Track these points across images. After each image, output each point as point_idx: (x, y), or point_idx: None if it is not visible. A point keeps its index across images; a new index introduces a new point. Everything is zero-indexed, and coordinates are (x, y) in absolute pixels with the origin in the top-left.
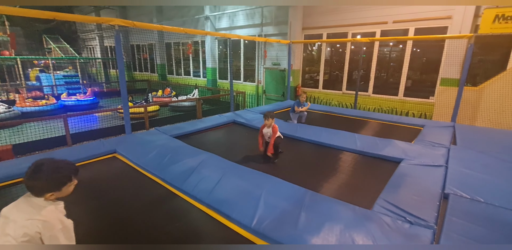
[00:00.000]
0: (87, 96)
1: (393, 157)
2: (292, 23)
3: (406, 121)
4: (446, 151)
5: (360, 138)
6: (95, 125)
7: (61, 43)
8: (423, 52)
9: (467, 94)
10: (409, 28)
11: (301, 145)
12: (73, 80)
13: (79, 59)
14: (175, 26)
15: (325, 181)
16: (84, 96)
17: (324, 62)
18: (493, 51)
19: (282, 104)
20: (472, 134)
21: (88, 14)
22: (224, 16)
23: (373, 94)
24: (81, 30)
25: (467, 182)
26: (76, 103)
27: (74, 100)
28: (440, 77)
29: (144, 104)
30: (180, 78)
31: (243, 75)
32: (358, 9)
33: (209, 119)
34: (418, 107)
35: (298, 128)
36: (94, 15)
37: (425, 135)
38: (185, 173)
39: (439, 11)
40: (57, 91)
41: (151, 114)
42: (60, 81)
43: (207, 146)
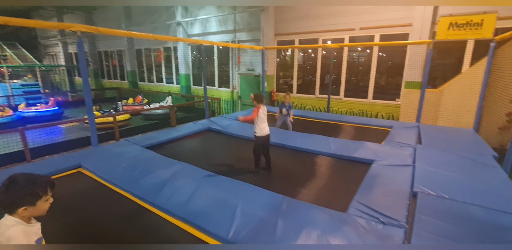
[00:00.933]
0: (49, 106)
1: (365, 158)
2: (264, 29)
3: (375, 123)
4: (412, 150)
5: (334, 141)
6: (59, 138)
7: (19, 50)
8: (389, 57)
9: (429, 96)
10: (374, 34)
11: (277, 150)
12: (33, 89)
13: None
14: (146, 32)
15: (302, 186)
16: (46, 107)
17: (297, 68)
18: (450, 56)
19: None
20: (434, 133)
21: (49, 19)
22: (197, 22)
23: (345, 98)
24: (41, 36)
25: (433, 179)
26: (37, 114)
27: (34, 112)
28: (404, 81)
29: (113, 113)
30: (152, 85)
31: (218, 81)
32: (327, 16)
33: (183, 127)
34: (386, 109)
35: (273, 133)
36: (56, 20)
37: (393, 136)
38: (157, 186)
39: (401, 19)
40: (15, 102)
41: (122, 124)
42: (18, 91)
43: (181, 155)
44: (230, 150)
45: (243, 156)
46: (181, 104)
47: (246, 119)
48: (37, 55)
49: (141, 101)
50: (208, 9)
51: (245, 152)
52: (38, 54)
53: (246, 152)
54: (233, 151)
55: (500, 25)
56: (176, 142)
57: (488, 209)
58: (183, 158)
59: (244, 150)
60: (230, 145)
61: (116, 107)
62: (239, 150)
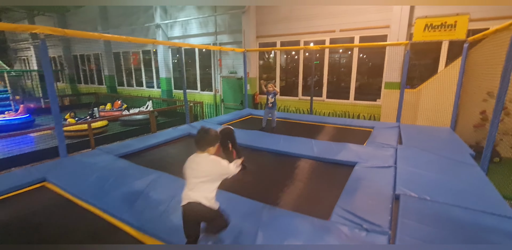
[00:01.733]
0: (18, 114)
1: (348, 161)
2: (246, 31)
3: (357, 124)
4: (394, 151)
5: (317, 144)
6: (28, 148)
7: None
8: (369, 59)
9: (407, 96)
10: (354, 36)
11: (258, 154)
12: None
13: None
14: (124, 34)
15: (284, 192)
16: (14, 115)
17: (280, 70)
18: (427, 57)
19: (240, 113)
20: (414, 132)
21: (19, 21)
22: (177, 25)
23: (327, 99)
24: (12, 40)
25: (414, 180)
26: (5, 123)
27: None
28: (384, 81)
29: (88, 120)
30: (132, 90)
31: (200, 85)
32: (308, 18)
33: (162, 133)
34: (367, 109)
35: (256, 136)
36: (27, 22)
37: (375, 137)
38: (129, 199)
39: (379, 20)
40: None
41: (98, 131)
42: None
43: (158, 164)
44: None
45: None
46: (162, 109)
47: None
48: (7, 60)
49: (120, 106)
50: (189, 11)
51: (225, 157)
52: (8, 59)
53: (227, 157)
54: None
55: (473, 26)
56: (153, 150)
57: (468, 209)
58: (160, 166)
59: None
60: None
61: (92, 114)
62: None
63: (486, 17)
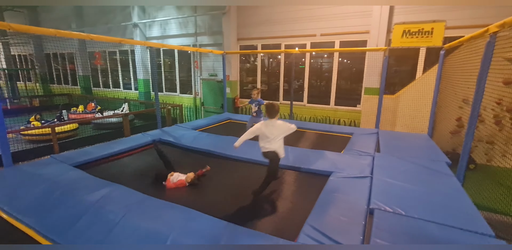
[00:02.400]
0: None
1: (324, 170)
2: (226, 33)
3: (337, 130)
4: (371, 159)
5: (293, 151)
6: None
7: None
8: (350, 64)
9: (386, 102)
10: (335, 41)
11: (227, 163)
12: None
13: None
14: (99, 33)
15: (251, 207)
16: None
17: (261, 73)
18: (406, 63)
19: (218, 117)
20: (392, 139)
21: None
22: (155, 24)
23: (308, 104)
24: None
25: (389, 192)
26: None
27: None
28: (364, 87)
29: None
30: (108, 91)
31: (180, 87)
32: (289, 21)
33: (129, 139)
34: (348, 115)
35: (228, 143)
36: None
37: (353, 143)
38: (72, 218)
39: (359, 26)
40: None
41: (66, 135)
42: None
43: (117, 175)
44: (180, 165)
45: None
46: (138, 112)
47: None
48: None
49: (94, 108)
50: (168, 10)
51: (196, 166)
52: None
53: (197, 166)
54: (182, 166)
55: (449, 34)
56: (115, 158)
57: (444, 226)
58: (119, 178)
59: (195, 164)
60: (181, 159)
61: (61, 116)
62: (190, 164)
63: (462, 25)
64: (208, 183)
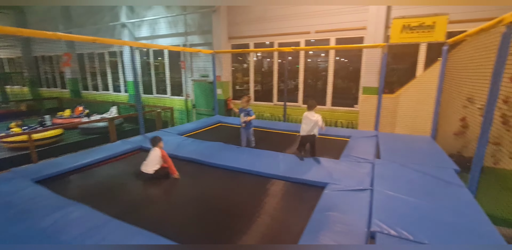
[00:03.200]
0: None
1: (318, 181)
2: (217, 32)
3: (333, 133)
4: (371, 167)
5: (285, 158)
6: None
7: None
8: (346, 62)
9: (386, 101)
10: (330, 38)
11: (213, 172)
12: None
13: None
14: (88, 34)
15: (233, 225)
16: None
17: (258, 73)
18: (405, 60)
19: (208, 121)
20: (393, 143)
21: None
22: (144, 24)
23: (304, 105)
24: None
25: (392, 210)
26: None
27: None
28: (362, 86)
29: (38, 129)
30: (98, 94)
31: (171, 89)
32: (282, 18)
33: (106, 148)
34: (345, 116)
35: (215, 150)
36: None
37: (351, 148)
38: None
39: (355, 22)
40: None
41: (49, 142)
42: None
43: (85, 190)
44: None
45: (174, 182)
46: (127, 115)
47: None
48: None
49: (82, 113)
50: (157, 9)
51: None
52: None
53: (181, 177)
54: (164, 180)
55: (451, 28)
56: (87, 170)
57: None
58: (85, 194)
59: (181, 176)
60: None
61: (43, 122)
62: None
63: (466, 19)
64: (186, 193)
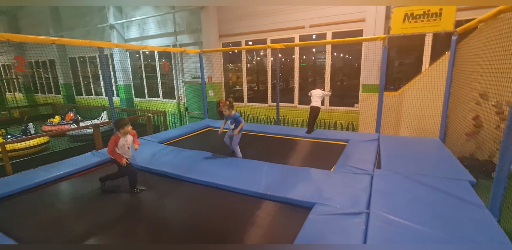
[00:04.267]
0: None
1: (304, 201)
2: (205, 30)
3: (330, 136)
4: (369, 180)
5: (270, 170)
6: None
7: None
8: (345, 58)
9: (388, 100)
10: (326, 32)
11: (184, 190)
12: None
13: None
14: (77, 37)
15: None
16: None
17: (250, 73)
18: (409, 54)
19: (196, 125)
20: (396, 148)
21: None
22: (133, 25)
23: (300, 105)
24: None
25: (393, 241)
26: None
27: None
28: (362, 84)
29: (21, 137)
30: (91, 99)
31: (162, 92)
32: (274, 13)
33: (71, 161)
34: (345, 116)
35: (192, 160)
36: None
37: (348, 155)
38: None
39: (353, 13)
40: None
41: (33, 151)
42: None
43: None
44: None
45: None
46: (108, 122)
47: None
48: None
49: (73, 118)
50: (145, 9)
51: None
52: None
53: (143, 196)
54: (129, 198)
55: (460, 17)
56: (40, 189)
57: None
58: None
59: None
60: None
61: (26, 130)
62: (139, 194)
63: (475, 6)
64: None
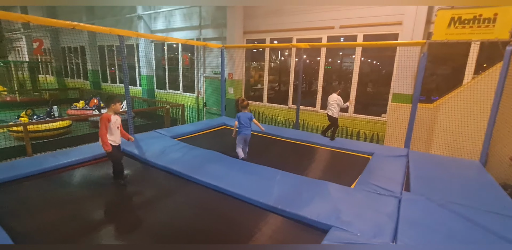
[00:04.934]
0: None
1: (318, 221)
2: (231, 25)
3: (353, 147)
4: (395, 205)
5: (283, 179)
6: None
7: None
8: (375, 64)
9: (421, 113)
10: (357, 34)
11: (189, 191)
12: None
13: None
14: (107, 25)
15: None
16: None
17: (273, 72)
18: (449, 63)
19: (212, 122)
20: (428, 169)
21: (11, 8)
22: (160, 16)
23: (322, 110)
24: (7, 29)
25: None
26: None
27: None
28: (392, 93)
29: (45, 119)
30: (115, 86)
31: (182, 85)
32: (303, 11)
33: (76, 151)
34: (370, 126)
35: (197, 160)
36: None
37: (371, 171)
38: None
39: (389, 15)
40: None
41: (55, 133)
42: None
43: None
44: (134, 181)
45: (136, 198)
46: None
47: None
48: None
49: (97, 105)
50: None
51: (149, 187)
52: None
53: (150, 187)
54: (135, 183)
55: None
56: (36, 178)
57: None
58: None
59: (147, 190)
60: (135, 177)
61: (50, 112)
62: (143, 183)
63: None
64: (144, 215)
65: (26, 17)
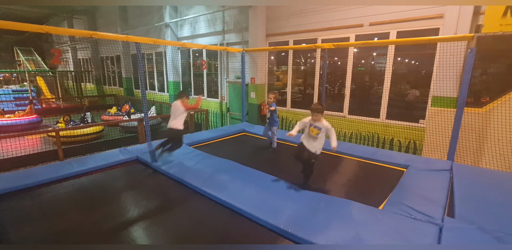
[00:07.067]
0: (26, 114)
1: None
2: (253, 28)
3: (384, 157)
4: (435, 234)
5: (298, 196)
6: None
7: (33, 56)
8: (409, 64)
9: (468, 118)
10: (390, 31)
11: (195, 203)
12: (23, 95)
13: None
14: (138, 35)
15: None
16: (20, 115)
17: (298, 76)
18: (497, 61)
19: (231, 129)
20: (478, 187)
21: (60, 23)
22: (186, 24)
23: (350, 116)
24: (57, 42)
25: None
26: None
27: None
28: (432, 96)
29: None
30: (148, 93)
31: (207, 90)
32: (328, 10)
33: (98, 157)
34: (405, 133)
35: (210, 170)
36: (66, 24)
37: (405, 188)
38: None
39: (427, 8)
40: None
41: (88, 138)
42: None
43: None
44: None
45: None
46: (156, 117)
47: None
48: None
49: (128, 110)
50: (197, 8)
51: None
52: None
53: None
54: (143, 192)
55: None
56: (54, 184)
57: None
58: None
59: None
60: (145, 184)
61: (84, 118)
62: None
63: None
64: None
65: (45, 28)
